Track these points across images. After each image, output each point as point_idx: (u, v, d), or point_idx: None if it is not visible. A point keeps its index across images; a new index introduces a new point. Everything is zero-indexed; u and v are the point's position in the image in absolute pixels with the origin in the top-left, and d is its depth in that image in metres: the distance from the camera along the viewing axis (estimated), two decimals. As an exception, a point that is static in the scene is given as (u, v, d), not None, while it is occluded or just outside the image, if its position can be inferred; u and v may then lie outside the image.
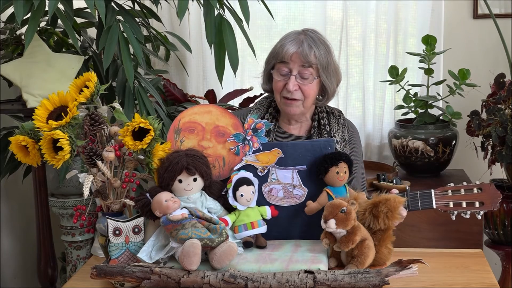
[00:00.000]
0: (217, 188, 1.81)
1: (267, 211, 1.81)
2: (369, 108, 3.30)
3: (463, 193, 1.92)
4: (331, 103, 3.26)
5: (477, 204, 1.91)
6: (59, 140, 1.70)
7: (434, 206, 1.93)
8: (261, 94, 2.95)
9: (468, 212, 1.91)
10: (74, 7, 2.55)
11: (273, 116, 2.23)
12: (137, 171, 1.83)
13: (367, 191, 2.21)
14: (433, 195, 1.93)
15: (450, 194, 1.93)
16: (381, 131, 3.28)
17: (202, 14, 2.73)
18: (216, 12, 2.50)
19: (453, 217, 1.93)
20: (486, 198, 1.90)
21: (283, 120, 2.23)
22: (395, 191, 1.98)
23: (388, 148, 3.19)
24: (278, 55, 2.12)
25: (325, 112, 2.22)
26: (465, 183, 1.95)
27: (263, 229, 1.79)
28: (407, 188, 1.99)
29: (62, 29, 2.81)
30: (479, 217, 1.92)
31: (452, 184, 1.95)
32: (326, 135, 2.16)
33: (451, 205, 1.92)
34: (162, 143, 1.78)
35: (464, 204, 1.91)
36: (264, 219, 1.80)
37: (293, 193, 1.84)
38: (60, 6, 2.37)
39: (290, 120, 2.21)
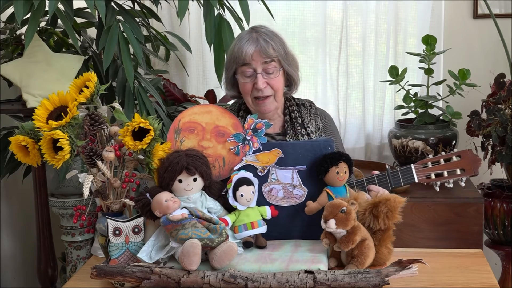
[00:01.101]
0: (217, 188, 1.81)
1: (267, 211, 1.81)
2: (369, 108, 3.30)
3: (443, 163, 1.92)
4: (331, 103, 3.30)
5: (458, 172, 1.91)
6: (59, 140, 1.70)
7: (416, 180, 1.93)
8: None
9: (451, 181, 1.91)
10: (74, 7, 2.55)
11: (244, 118, 2.22)
12: (137, 171, 1.83)
13: (353, 175, 2.22)
14: (413, 169, 1.93)
15: (430, 166, 1.92)
16: (381, 131, 3.28)
17: (202, 14, 2.73)
18: (216, 12, 2.50)
19: (437, 188, 1.93)
20: (467, 164, 1.90)
21: None
22: (376, 172, 1.99)
23: (388, 148, 3.19)
24: (239, 59, 2.11)
25: (295, 105, 2.23)
26: (443, 153, 1.95)
27: (263, 229, 1.79)
28: (387, 167, 1.99)
29: (62, 29, 2.82)
30: (463, 184, 1.93)
31: (430, 156, 1.95)
32: (299, 128, 2.17)
33: (433, 176, 1.92)
34: (162, 143, 1.78)
35: (445, 174, 1.91)
36: (264, 219, 1.80)
37: (293, 193, 1.84)
38: (60, 6, 2.37)
39: (263, 120, 2.20)
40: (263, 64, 2.10)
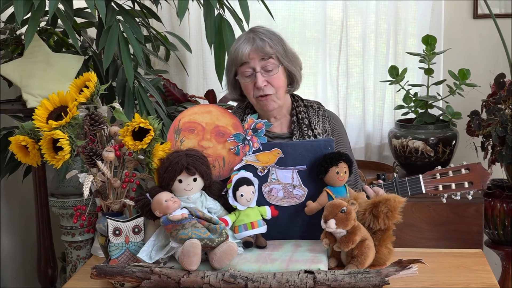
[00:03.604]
0: (217, 188, 1.81)
1: (267, 211, 1.81)
2: (369, 108, 3.30)
3: (451, 175, 1.91)
4: (331, 103, 3.30)
5: (466, 185, 1.90)
6: (59, 140, 1.70)
7: (424, 191, 1.92)
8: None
9: (458, 194, 1.91)
10: (74, 7, 2.55)
11: None
12: (137, 171, 1.83)
13: (360, 180, 2.21)
14: (421, 180, 1.92)
15: (438, 177, 1.92)
16: (381, 131, 3.29)
17: (202, 14, 2.73)
18: (216, 12, 2.50)
19: (444, 200, 1.92)
20: (475, 178, 1.90)
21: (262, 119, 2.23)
22: (380, 181, 1.98)
23: (388, 148, 3.19)
24: (237, 59, 2.12)
25: (302, 106, 2.22)
26: (452, 165, 1.94)
27: (263, 229, 1.79)
28: (395, 176, 1.99)
29: (62, 29, 2.82)
30: (470, 197, 1.92)
31: (439, 167, 1.95)
32: (305, 129, 2.16)
33: (441, 188, 1.91)
34: (162, 143, 1.78)
35: (453, 186, 1.91)
36: (264, 219, 1.80)
37: (293, 193, 1.84)
38: (60, 6, 2.37)
39: (270, 119, 2.21)
40: (261, 62, 2.10)
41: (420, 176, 1.93)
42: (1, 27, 2.81)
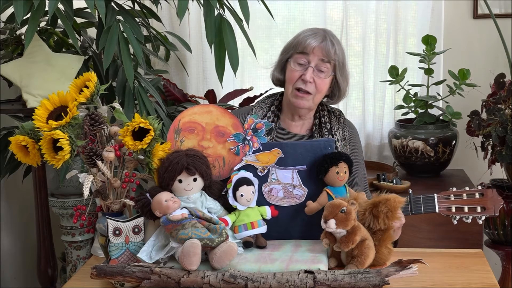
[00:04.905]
0: (217, 188, 1.81)
1: (267, 211, 1.81)
2: (369, 108, 3.30)
3: (465, 198, 1.93)
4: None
5: (478, 209, 1.92)
6: (59, 140, 1.70)
7: (437, 211, 1.94)
8: (261, 94, 2.96)
9: (470, 217, 1.92)
10: (74, 7, 2.55)
11: (275, 114, 2.24)
12: (137, 171, 1.83)
13: (369, 191, 2.21)
14: (436, 200, 1.94)
15: (452, 198, 1.94)
16: (381, 131, 3.29)
17: (202, 14, 2.73)
18: (216, 12, 2.50)
19: (455, 222, 1.94)
20: (488, 203, 1.91)
21: (286, 116, 2.25)
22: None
23: (388, 148, 3.19)
24: (299, 45, 2.15)
25: (326, 111, 2.26)
26: (467, 188, 1.96)
27: (263, 229, 1.79)
28: (410, 192, 1.99)
29: (62, 29, 2.81)
30: (480, 221, 1.94)
31: (454, 189, 1.96)
32: (326, 133, 2.18)
33: (453, 209, 1.93)
34: (162, 143, 1.78)
35: (466, 209, 1.92)
36: (264, 219, 1.80)
37: (293, 193, 1.84)
38: (60, 6, 2.37)
39: (294, 116, 2.22)
40: (319, 61, 2.14)
41: (435, 195, 1.94)
42: (1, 27, 2.81)
